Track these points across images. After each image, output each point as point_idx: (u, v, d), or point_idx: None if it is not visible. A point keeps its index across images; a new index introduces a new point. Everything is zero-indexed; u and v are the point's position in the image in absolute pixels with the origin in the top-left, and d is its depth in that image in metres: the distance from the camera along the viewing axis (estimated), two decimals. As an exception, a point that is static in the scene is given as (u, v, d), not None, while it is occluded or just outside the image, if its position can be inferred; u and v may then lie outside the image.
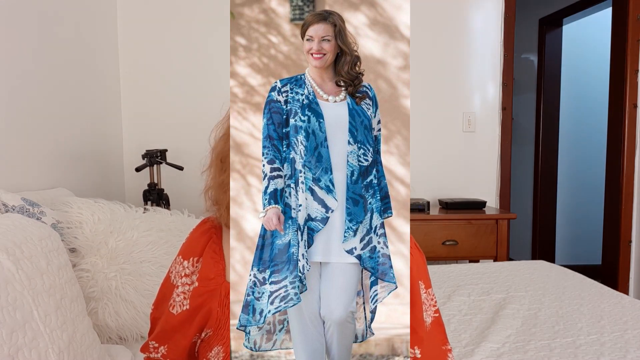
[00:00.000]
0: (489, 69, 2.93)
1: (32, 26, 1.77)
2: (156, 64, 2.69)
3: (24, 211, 1.31)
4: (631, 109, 2.96)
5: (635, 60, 2.92)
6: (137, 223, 1.48)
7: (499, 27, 2.90)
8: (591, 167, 4.25)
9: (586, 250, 4.29)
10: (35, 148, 1.79)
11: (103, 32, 2.49)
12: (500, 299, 1.72)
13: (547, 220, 4.26)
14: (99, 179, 2.37)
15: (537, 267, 2.12)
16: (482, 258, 2.65)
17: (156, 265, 1.44)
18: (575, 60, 4.23)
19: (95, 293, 1.34)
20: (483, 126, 2.95)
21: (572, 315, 1.56)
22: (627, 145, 2.98)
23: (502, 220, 2.58)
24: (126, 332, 1.36)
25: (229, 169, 0.80)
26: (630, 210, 3.00)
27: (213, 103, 2.91)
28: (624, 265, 3.02)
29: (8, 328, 0.86)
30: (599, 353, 1.30)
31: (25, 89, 1.73)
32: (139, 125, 2.69)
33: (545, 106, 4.15)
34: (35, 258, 1.01)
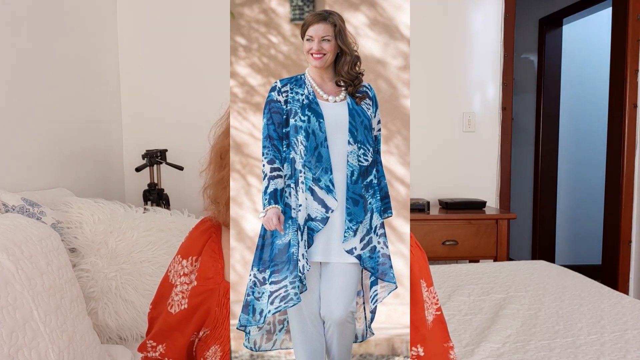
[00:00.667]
0: (489, 69, 2.93)
1: (32, 26, 1.77)
2: (156, 64, 2.69)
3: (24, 211, 1.31)
4: (631, 109, 2.96)
5: (635, 60, 2.92)
6: (137, 223, 1.48)
7: (499, 27, 2.90)
8: (591, 167, 4.25)
9: (586, 250, 4.29)
10: (35, 148, 1.79)
11: (103, 32, 2.49)
12: (500, 299, 1.72)
13: (547, 220, 4.26)
14: (99, 179, 2.37)
15: (537, 267, 2.12)
16: (482, 258, 2.65)
17: (156, 265, 1.44)
18: (575, 60, 4.23)
19: (95, 293, 1.34)
20: (483, 126, 2.95)
21: (572, 315, 1.56)
22: (627, 145, 2.98)
23: (502, 220, 2.58)
24: (126, 332, 1.36)
25: (228, 165, 0.80)
26: (630, 210, 2.99)
27: (213, 103, 2.90)
28: (624, 265, 3.02)
29: (8, 328, 0.86)
30: (599, 353, 1.30)
31: (25, 89, 1.73)
32: (139, 125, 2.69)
33: (545, 106, 4.15)
34: (35, 258, 1.01)
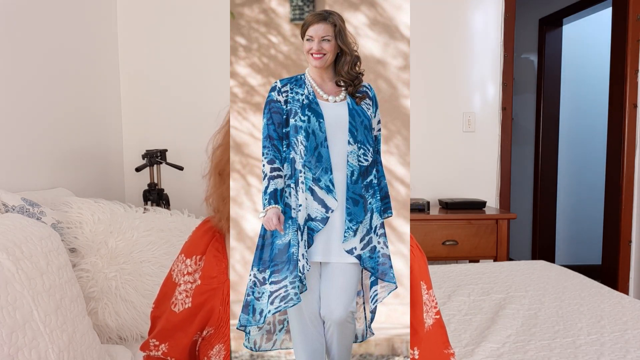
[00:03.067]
0: (489, 69, 2.93)
1: (32, 27, 1.77)
2: (156, 64, 2.69)
3: (24, 211, 1.31)
4: (631, 109, 2.96)
5: (635, 60, 2.92)
6: (137, 223, 1.48)
7: (499, 27, 2.90)
8: (591, 167, 4.25)
9: (586, 250, 4.29)
10: (35, 148, 1.79)
11: (103, 32, 2.49)
12: (500, 299, 1.72)
13: (547, 220, 4.26)
14: (99, 179, 2.37)
15: (537, 267, 2.12)
16: (482, 258, 2.65)
17: (156, 265, 1.44)
18: (575, 60, 4.23)
19: (95, 293, 1.34)
20: (483, 126, 2.95)
21: (572, 315, 1.56)
22: (627, 145, 2.97)
23: (502, 220, 2.58)
24: (126, 332, 1.36)
25: (228, 180, 0.80)
26: (630, 210, 2.99)
27: (213, 103, 2.91)
28: (624, 265, 3.01)
29: (8, 328, 0.86)
30: (599, 353, 1.30)
31: (25, 89, 1.73)
32: (139, 125, 2.69)
33: (545, 106, 4.15)
34: (35, 258, 1.01)
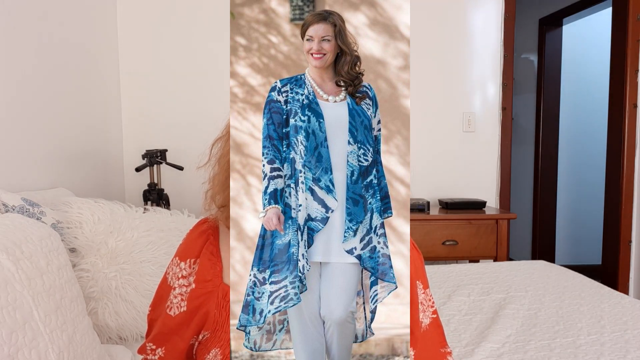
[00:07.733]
0: (489, 69, 2.93)
1: (32, 26, 1.77)
2: (156, 64, 2.69)
3: (24, 211, 1.31)
4: (631, 109, 2.96)
5: (635, 60, 2.92)
6: (137, 223, 1.48)
7: (499, 27, 2.90)
8: (591, 167, 4.25)
9: (586, 250, 4.29)
10: (35, 148, 1.79)
11: (103, 32, 2.49)
12: (500, 299, 1.72)
13: (547, 220, 4.26)
14: (99, 179, 2.37)
15: (537, 267, 2.12)
16: (482, 258, 2.65)
17: (156, 265, 1.44)
18: (575, 60, 4.23)
19: (95, 293, 1.34)
20: (483, 126, 2.95)
21: (572, 315, 1.56)
22: (627, 145, 2.97)
23: (502, 220, 2.58)
24: (126, 332, 1.36)
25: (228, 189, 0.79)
26: (630, 210, 2.99)
27: (213, 103, 2.91)
28: (624, 265, 3.02)
29: (8, 328, 0.86)
30: (599, 353, 1.30)
31: (26, 89, 1.73)
32: (139, 125, 2.69)
33: (545, 106, 4.15)
34: (35, 258, 1.01)
